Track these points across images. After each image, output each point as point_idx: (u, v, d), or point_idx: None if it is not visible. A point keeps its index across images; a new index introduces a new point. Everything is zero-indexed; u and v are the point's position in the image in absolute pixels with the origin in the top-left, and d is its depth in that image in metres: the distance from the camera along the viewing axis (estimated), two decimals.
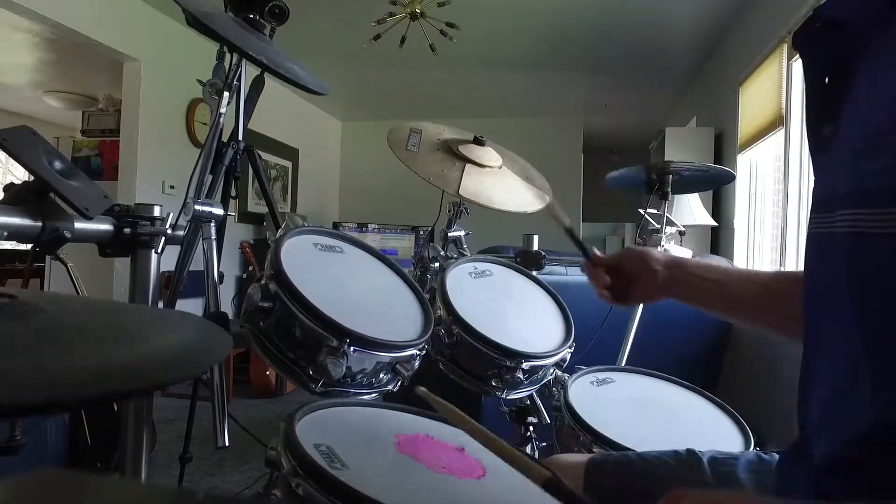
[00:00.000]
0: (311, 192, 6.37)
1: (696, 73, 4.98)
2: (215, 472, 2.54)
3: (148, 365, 0.38)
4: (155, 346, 0.42)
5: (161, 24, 4.02)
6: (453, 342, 1.02)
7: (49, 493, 0.23)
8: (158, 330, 0.47)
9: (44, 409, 0.30)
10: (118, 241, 0.91)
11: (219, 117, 1.22)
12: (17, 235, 0.74)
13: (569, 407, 1.01)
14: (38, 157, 0.77)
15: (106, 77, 4.77)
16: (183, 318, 0.50)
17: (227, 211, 1.23)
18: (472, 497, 0.65)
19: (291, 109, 5.80)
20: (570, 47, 4.48)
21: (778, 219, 3.06)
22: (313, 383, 0.82)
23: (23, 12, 3.18)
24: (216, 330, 0.46)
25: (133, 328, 0.47)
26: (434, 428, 0.80)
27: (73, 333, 0.42)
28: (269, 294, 0.83)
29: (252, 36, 1.26)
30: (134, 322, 0.49)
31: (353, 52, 4.44)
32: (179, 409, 3.33)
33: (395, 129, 1.32)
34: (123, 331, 0.46)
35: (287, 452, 0.59)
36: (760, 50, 3.23)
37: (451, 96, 5.93)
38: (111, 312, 0.53)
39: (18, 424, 0.64)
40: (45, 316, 0.41)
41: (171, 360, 0.40)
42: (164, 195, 4.05)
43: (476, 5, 3.74)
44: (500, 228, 3.31)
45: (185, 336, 0.46)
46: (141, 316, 0.54)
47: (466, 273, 1.18)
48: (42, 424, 1.95)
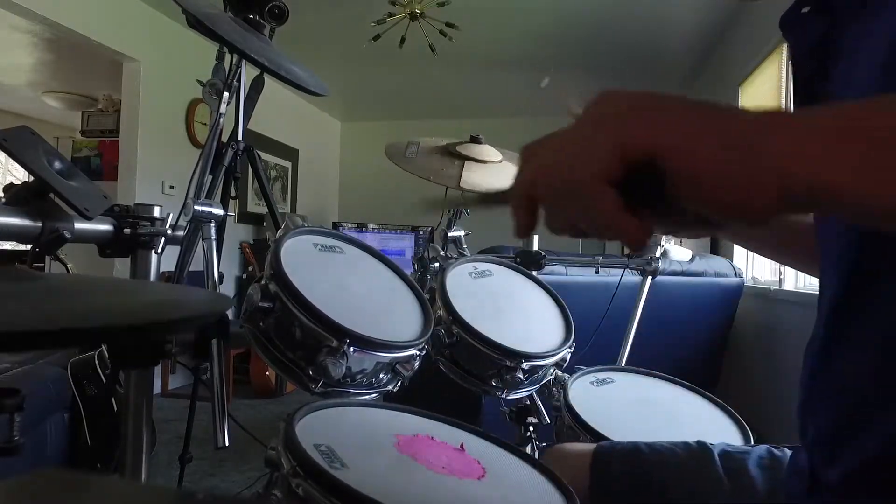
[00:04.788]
0: (311, 192, 6.37)
1: (695, 73, 4.98)
2: (215, 472, 2.54)
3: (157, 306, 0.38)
4: (157, 299, 0.43)
5: (161, 25, 4.02)
6: (453, 342, 1.02)
7: (49, 493, 0.23)
8: (159, 290, 0.48)
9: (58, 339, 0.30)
10: (118, 242, 0.91)
11: (219, 118, 1.22)
12: (17, 236, 0.74)
13: (569, 407, 1.01)
14: (38, 157, 0.77)
15: (105, 77, 4.76)
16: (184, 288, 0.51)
17: (226, 211, 1.23)
18: (472, 497, 0.65)
19: (291, 110, 5.80)
20: (570, 47, 4.47)
21: None
22: (313, 384, 0.82)
23: (22, 12, 3.17)
24: (217, 294, 0.47)
25: (134, 288, 0.47)
26: (434, 428, 0.80)
27: (77, 289, 0.42)
28: (268, 294, 0.83)
29: (252, 36, 1.26)
30: (134, 285, 0.50)
31: (352, 52, 4.43)
32: (179, 409, 3.33)
33: (392, 142, 1.33)
34: (125, 289, 0.46)
35: (287, 452, 0.59)
36: (760, 50, 3.23)
37: (451, 96, 5.93)
38: (111, 281, 0.53)
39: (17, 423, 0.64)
40: (45, 281, 0.41)
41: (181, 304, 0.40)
42: (164, 195, 4.04)
43: (476, 5, 3.74)
44: (500, 228, 3.30)
45: (189, 292, 0.46)
46: (140, 284, 0.54)
47: (466, 273, 1.18)
48: (42, 425, 1.95)
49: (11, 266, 0.44)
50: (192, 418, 1.53)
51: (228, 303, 0.46)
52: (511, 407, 1.25)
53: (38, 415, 1.91)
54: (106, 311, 0.37)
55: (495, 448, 0.80)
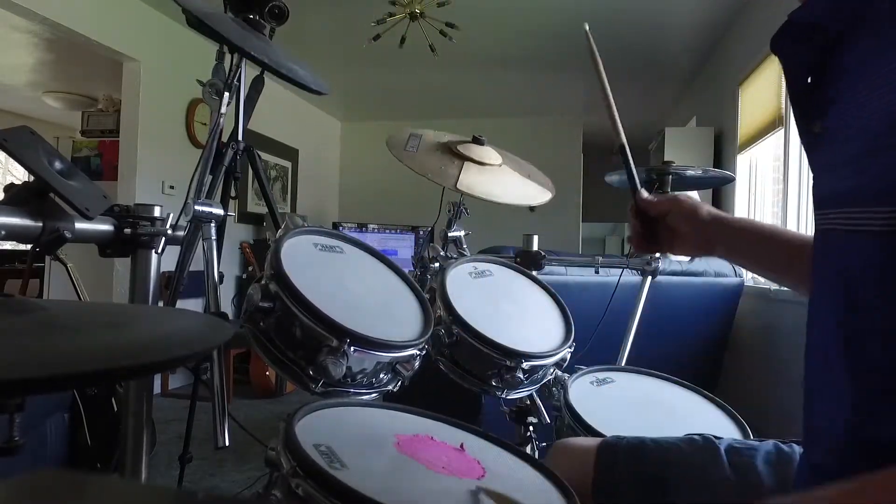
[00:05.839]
0: (311, 192, 6.37)
1: (695, 73, 4.98)
2: (215, 472, 2.54)
3: (149, 345, 0.38)
4: (154, 333, 0.43)
5: (161, 24, 4.02)
6: (453, 342, 1.02)
7: (49, 493, 0.23)
8: (157, 321, 0.48)
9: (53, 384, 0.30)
10: (118, 242, 0.91)
11: (219, 118, 1.22)
12: (17, 236, 0.74)
13: (569, 407, 1.01)
14: (38, 157, 0.77)
15: (105, 77, 4.76)
16: (182, 313, 0.51)
17: (227, 211, 1.22)
18: (472, 497, 0.65)
19: (291, 110, 5.80)
20: (570, 47, 4.47)
21: (777, 219, 3.06)
22: (313, 383, 0.82)
23: (22, 12, 3.17)
24: (215, 321, 0.47)
25: (131, 320, 0.47)
26: (434, 428, 0.80)
27: (72, 324, 0.42)
28: (269, 294, 0.83)
29: (252, 36, 1.26)
30: (132, 315, 0.50)
31: (352, 52, 4.43)
32: (179, 409, 3.33)
33: (394, 133, 1.33)
34: (122, 322, 0.46)
35: (287, 452, 0.59)
36: (760, 50, 3.23)
37: (451, 96, 5.93)
38: (108, 309, 0.53)
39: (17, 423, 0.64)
40: (43, 312, 0.41)
41: (173, 342, 0.40)
42: (164, 195, 4.04)
43: (476, 5, 3.74)
44: (500, 228, 3.31)
45: (184, 325, 0.46)
46: (138, 311, 0.54)
47: (466, 273, 1.18)
48: (42, 425, 1.95)
49: (10, 297, 0.44)
50: (192, 418, 1.53)
51: (228, 332, 0.46)
52: (511, 407, 1.25)
53: (38, 415, 1.91)
54: (102, 351, 0.37)
55: (495, 448, 0.80)
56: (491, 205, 1.31)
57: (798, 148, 2.79)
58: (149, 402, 0.95)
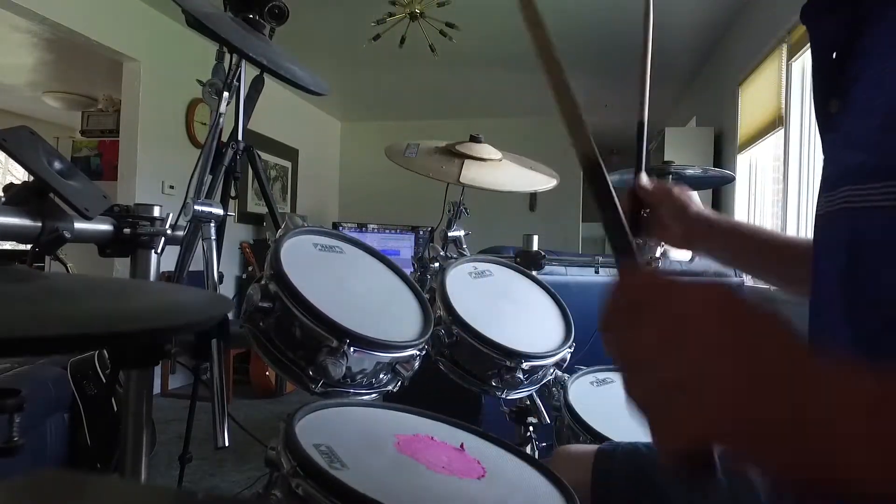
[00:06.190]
0: (311, 192, 6.37)
1: (695, 73, 4.98)
2: (215, 472, 2.54)
3: (149, 313, 0.38)
4: (155, 304, 0.43)
5: (161, 25, 4.02)
6: (453, 342, 1.02)
7: (49, 493, 0.23)
8: (159, 294, 0.48)
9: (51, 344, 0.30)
10: (118, 242, 0.91)
11: (218, 117, 1.22)
12: (17, 236, 0.74)
13: (569, 407, 1.01)
14: (38, 157, 0.77)
15: (105, 77, 4.76)
16: (184, 289, 0.51)
17: (226, 211, 1.22)
18: (472, 497, 0.65)
19: (291, 110, 5.80)
20: (570, 47, 4.47)
21: (777, 219, 3.06)
22: (313, 383, 0.82)
23: (23, 12, 3.17)
24: (217, 297, 0.47)
25: (135, 292, 0.47)
26: (434, 428, 0.80)
27: (74, 292, 0.42)
28: (268, 294, 0.83)
29: (252, 36, 1.26)
30: (135, 287, 0.50)
31: (352, 52, 4.43)
32: (179, 409, 3.33)
33: (392, 144, 1.34)
34: (125, 293, 0.46)
35: (287, 452, 0.59)
36: (760, 50, 3.23)
37: (450, 96, 5.92)
38: (112, 282, 0.53)
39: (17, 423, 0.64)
40: (45, 281, 0.41)
41: (173, 312, 0.40)
42: (164, 195, 4.04)
43: (476, 5, 3.74)
44: (501, 228, 3.31)
45: (186, 298, 0.46)
46: (141, 284, 0.54)
47: (466, 273, 1.18)
48: (42, 425, 1.95)
49: (11, 265, 0.44)
50: (192, 418, 1.53)
51: (228, 305, 0.46)
52: (511, 407, 1.25)
53: (38, 415, 1.91)
54: (105, 315, 0.37)
55: (495, 448, 0.80)
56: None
57: (798, 148, 2.79)
58: (149, 402, 0.95)
